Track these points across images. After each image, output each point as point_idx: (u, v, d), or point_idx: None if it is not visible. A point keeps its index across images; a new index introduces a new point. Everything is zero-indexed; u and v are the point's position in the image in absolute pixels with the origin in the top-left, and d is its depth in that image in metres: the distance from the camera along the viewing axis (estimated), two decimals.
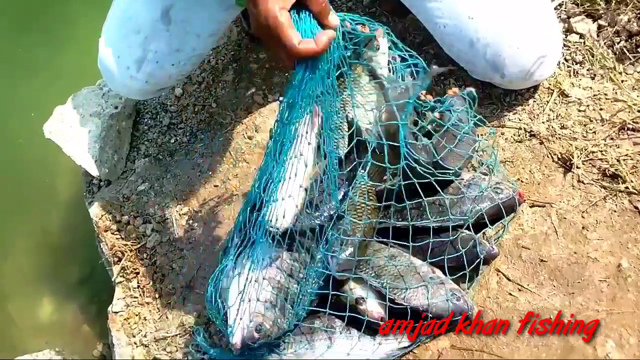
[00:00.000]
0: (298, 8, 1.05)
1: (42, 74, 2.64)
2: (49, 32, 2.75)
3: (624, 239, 1.32)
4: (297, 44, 1.01)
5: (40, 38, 2.73)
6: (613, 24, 1.61)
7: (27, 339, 2.16)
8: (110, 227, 1.75)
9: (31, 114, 1.98)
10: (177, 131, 1.90)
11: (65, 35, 2.70)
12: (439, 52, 1.57)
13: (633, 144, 1.44)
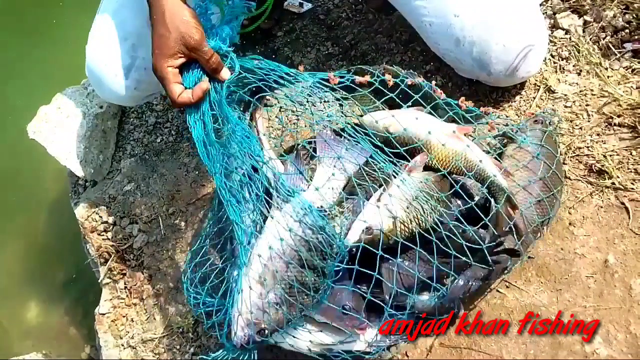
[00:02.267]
0: (193, 63, 1.27)
1: (27, 74, 2.63)
2: (33, 34, 2.75)
3: (611, 235, 1.33)
4: (176, 97, 1.26)
5: (24, 40, 2.73)
6: (599, 20, 1.61)
7: (14, 342, 2.16)
8: (97, 228, 1.74)
9: (14, 114, 1.97)
10: (163, 130, 1.90)
11: (50, 36, 2.70)
12: (425, 49, 1.57)
13: (619, 140, 1.44)
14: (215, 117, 1.28)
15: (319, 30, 1.91)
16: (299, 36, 1.92)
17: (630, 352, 1.19)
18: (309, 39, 1.90)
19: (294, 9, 1.95)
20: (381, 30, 1.83)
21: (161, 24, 1.25)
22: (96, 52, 1.53)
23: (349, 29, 1.88)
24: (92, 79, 1.59)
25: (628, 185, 1.37)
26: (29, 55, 2.70)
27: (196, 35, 1.24)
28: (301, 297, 1.20)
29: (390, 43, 1.79)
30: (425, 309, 1.24)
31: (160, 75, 1.26)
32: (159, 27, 1.25)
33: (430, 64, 1.69)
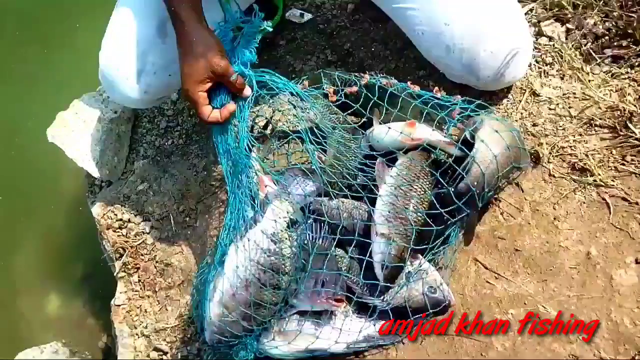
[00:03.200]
0: (219, 86, 1.31)
1: (45, 82, 2.63)
2: (49, 42, 2.74)
3: (593, 229, 1.33)
4: (206, 118, 1.30)
5: (41, 48, 2.72)
6: (580, 27, 1.61)
7: (36, 332, 2.16)
8: (112, 225, 1.74)
9: (34, 120, 1.97)
10: (174, 134, 1.89)
11: (65, 44, 2.69)
12: (418, 56, 1.56)
13: (600, 139, 1.44)
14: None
15: (319, 38, 1.91)
16: (300, 45, 1.92)
17: (612, 338, 1.19)
18: (309, 47, 1.90)
19: (295, 19, 1.95)
20: (377, 38, 1.83)
21: (190, 53, 1.28)
22: (109, 58, 1.53)
23: (346, 37, 1.88)
24: (105, 83, 1.59)
25: (609, 182, 1.37)
26: (46, 65, 2.70)
27: (222, 63, 1.27)
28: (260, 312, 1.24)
29: (386, 50, 1.79)
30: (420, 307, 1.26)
31: (191, 99, 1.30)
32: (188, 55, 1.29)
33: (423, 70, 1.69)
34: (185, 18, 1.29)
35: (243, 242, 1.28)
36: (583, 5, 1.63)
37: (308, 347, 1.26)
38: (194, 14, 1.30)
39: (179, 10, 1.29)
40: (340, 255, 1.33)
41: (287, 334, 1.27)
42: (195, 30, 1.29)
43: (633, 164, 1.38)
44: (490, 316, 1.27)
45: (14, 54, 2.72)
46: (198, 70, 1.27)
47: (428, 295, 1.25)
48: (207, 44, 1.28)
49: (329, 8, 1.98)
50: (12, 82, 2.67)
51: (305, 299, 1.28)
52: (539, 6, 1.69)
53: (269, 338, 1.28)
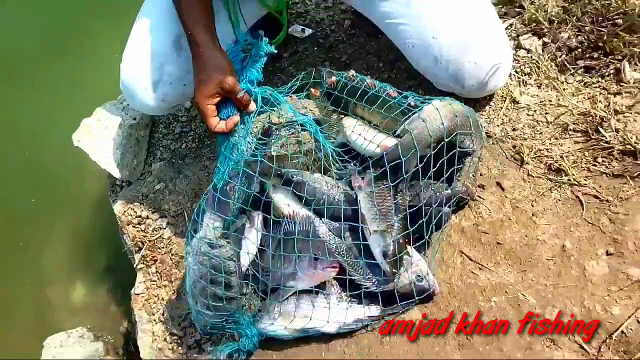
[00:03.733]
0: (227, 101, 1.34)
1: (69, 92, 2.63)
2: (74, 56, 2.74)
3: (567, 224, 1.33)
4: (213, 128, 1.32)
5: (66, 61, 2.72)
6: (555, 41, 1.61)
7: (63, 318, 2.16)
8: (132, 221, 1.74)
9: (61, 126, 1.97)
10: (187, 138, 1.90)
11: (88, 57, 2.70)
12: (409, 67, 1.56)
13: (574, 143, 1.44)
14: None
15: (319, 51, 1.92)
16: (301, 57, 1.92)
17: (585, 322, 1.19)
18: (309, 59, 1.90)
19: (297, 34, 1.96)
20: (371, 51, 1.84)
21: (203, 71, 1.31)
22: (129, 69, 1.54)
23: (344, 50, 1.89)
24: (125, 92, 1.59)
25: (582, 181, 1.37)
26: (71, 75, 2.69)
27: (231, 81, 1.29)
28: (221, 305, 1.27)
29: (379, 62, 1.79)
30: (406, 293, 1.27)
31: (201, 110, 1.32)
32: (201, 73, 1.31)
33: (413, 80, 1.69)
34: (199, 40, 1.32)
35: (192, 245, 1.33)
36: (558, 21, 1.63)
37: (303, 327, 1.28)
38: (208, 37, 1.33)
39: (195, 32, 1.32)
40: (336, 242, 1.33)
41: (285, 316, 1.29)
42: (208, 51, 1.31)
43: (604, 165, 1.38)
44: (475, 303, 1.27)
45: (42, 67, 2.72)
46: (209, 86, 1.30)
47: (415, 283, 1.26)
48: (218, 64, 1.30)
49: (328, 24, 1.98)
50: (40, 92, 2.67)
51: (305, 278, 1.29)
52: (518, 22, 1.69)
53: (268, 320, 1.30)
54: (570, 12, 1.63)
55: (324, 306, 1.29)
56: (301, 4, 2.06)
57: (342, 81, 1.40)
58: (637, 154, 1.35)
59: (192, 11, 1.34)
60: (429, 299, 1.29)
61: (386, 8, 1.49)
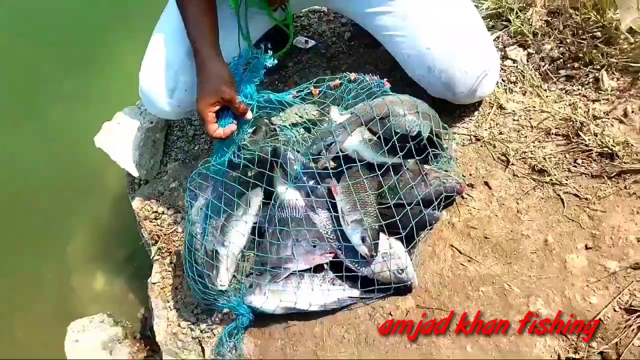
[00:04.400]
0: (227, 109, 1.36)
1: (91, 98, 2.64)
2: (95, 65, 2.74)
3: (550, 220, 1.32)
4: (212, 133, 1.35)
5: (89, 69, 2.72)
6: (539, 52, 1.61)
7: (85, 305, 2.16)
8: (149, 217, 1.74)
9: (84, 129, 1.97)
10: (200, 140, 1.89)
11: (109, 66, 2.70)
12: (404, 75, 1.56)
13: (556, 146, 1.44)
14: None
15: (321, 61, 1.91)
16: (305, 66, 1.91)
17: (566, 311, 1.19)
18: (312, 69, 1.90)
19: (301, 45, 1.95)
20: (369, 61, 1.83)
21: (205, 81, 1.34)
22: (147, 78, 1.54)
23: (344, 60, 1.88)
24: (144, 98, 1.59)
25: (563, 181, 1.36)
26: (93, 83, 2.69)
27: (230, 91, 1.32)
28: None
29: (377, 71, 1.78)
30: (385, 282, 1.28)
31: (202, 117, 1.34)
32: (203, 82, 1.34)
33: (408, 87, 1.66)
34: (204, 53, 1.34)
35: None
36: (541, 34, 1.62)
37: (290, 306, 1.30)
38: (212, 50, 1.35)
39: (200, 47, 1.35)
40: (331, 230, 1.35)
41: (274, 294, 1.31)
42: (211, 64, 1.33)
43: (583, 166, 1.37)
44: (464, 293, 1.27)
45: (67, 76, 2.72)
46: (210, 95, 1.32)
47: (395, 274, 1.27)
48: (219, 76, 1.33)
49: (329, 36, 1.98)
50: (64, 98, 2.67)
51: (302, 260, 1.31)
52: (504, 34, 1.69)
53: (259, 297, 1.32)
54: (553, 25, 1.62)
55: (308, 286, 1.31)
56: (305, 17, 2.06)
57: (344, 83, 1.40)
58: (614, 156, 1.34)
59: (198, 26, 1.35)
60: (408, 291, 1.29)
61: (384, 21, 1.48)
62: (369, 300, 1.31)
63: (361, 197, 1.30)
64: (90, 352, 1.73)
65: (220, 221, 1.41)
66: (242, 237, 1.41)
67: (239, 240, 1.41)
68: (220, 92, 1.31)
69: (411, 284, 1.28)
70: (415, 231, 1.28)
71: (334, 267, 1.34)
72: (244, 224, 1.41)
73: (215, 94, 1.32)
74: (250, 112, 1.38)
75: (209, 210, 1.41)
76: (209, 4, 1.37)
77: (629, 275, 1.19)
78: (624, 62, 1.46)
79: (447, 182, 1.34)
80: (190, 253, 1.39)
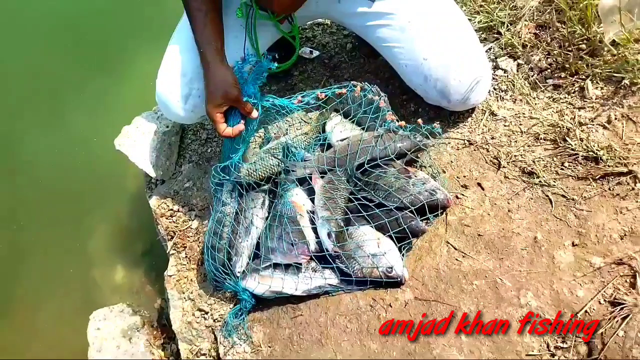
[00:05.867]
0: (234, 109, 1.40)
1: (110, 104, 2.64)
2: (114, 72, 2.73)
3: (538, 219, 1.31)
4: (222, 132, 1.38)
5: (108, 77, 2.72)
6: (528, 63, 1.60)
7: (106, 296, 2.16)
8: (165, 214, 1.73)
9: (104, 133, 1.97)
10: (212, 143, 1.88)
11: (128, 74, 2.69)
12: (402, 84, 1.55)
13: (544, 150, 1.43)
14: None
15: (324, 70, 1.90)
16: (309, 75, 1.91)
17: (554, 303, 1.18)
18: (317, 77, 1.89)
19: (306, 55, 1.94)
20: (370, 70, 1.82)
21: (212, 84, 1.36)
22: (163, 84, 1.53)
23: (346, 69, 1.87)
24: (160, 104, 1.58)
25: (551, 182, 1.35)
26: (112, 89, 2.68)
27: (236, 92, 1.35)
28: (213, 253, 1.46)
29: (377, 79, 1.78)
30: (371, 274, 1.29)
31: (211, 117, 1.38)
32: (211, 86, 1.36)
33: (406, 95, 1.68)
34: (210, 59, 1.36)
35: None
36: (530, 46, 1.61)
37: (278, 290, 1.35)
38: (218, 56, 1.36)
39: (207, 52, 1.36)
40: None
41: (264, 278, 1.36)
42: (217, 68, 1.35)
43: (570, 169, 1.36)
44: (459, 286, 1.26)
45: (88, 83, 2.71)
46: (217, 97, 1.35)
47: (385, 272, 1.27)
48: (225, 79, 1.35)
49: (332, 47, 1.97)
50: (87, 104, 2.67)
51: (281, 256, 1.35)
52: (496, 46, 1.68)
53: (252, 281, 1.37)
54: (541, 38, 1.61)
55: (293, 274, 1.35)
56: (309, 30, 2.05)
57: (349, 93, 1.43)
58: (599, 160, 1.33)
59: (205, 34, 1.36)
60: (398, 285, 1.29)
61: (383, 34, 1.47)
62: (349, 289, 1.33)
63: (333, 197, 1.36)
64: (111, 339, 1.72)
65: (240, 214, 1.46)
66: (255, 229, 1.44)
67: (255, 232, 1.44)
68: (226, 94, 1.34)
69: (402, 279, 1.28)
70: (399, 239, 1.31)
71: (318, 257, 1.37)
72: (257, 217, 1.46)
73: (222, 96, 1.35)
74: (255, 111, 1.41)
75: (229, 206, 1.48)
76: (215, 14, 1.39)
77: (612, 270, 1.18)
78: (607, 72, 1.45)
79: (435, 195, 1.33)
80: (212, 240, 1.45)
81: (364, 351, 1.24)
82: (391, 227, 1.30)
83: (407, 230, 1.30)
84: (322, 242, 1.34)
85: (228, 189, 1.51)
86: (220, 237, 1.45)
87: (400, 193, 1.33)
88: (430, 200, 1.33)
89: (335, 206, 1.36)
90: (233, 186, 1.51)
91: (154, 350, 1.71)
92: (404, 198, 1.32)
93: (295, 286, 1.34)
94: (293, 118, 1.59)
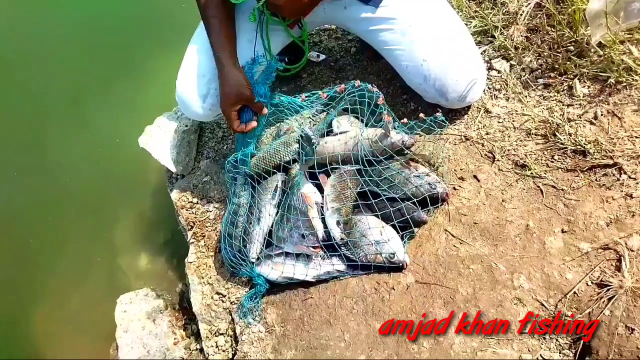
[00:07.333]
0: (246, 107, 1.44)
1: (136, 104, 2.64)
2: (136, 75, 2.73)
3: (530, 208, 1.32)
4: (236, 128, 1.44)
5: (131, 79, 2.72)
6: (520, 64, 1.59)
7: (131, 281, 2.17)
8: (185, 206, 1.74)
9: (129, 132, 1.98)
10: (228, 141, 1.89)
11: (150, 76, 2.69)
12: (403, 84, 1.55)
13: (535, 144, 1.42)
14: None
15: (330, 73, 1.90)
16: (317, 77, 1.91)
17: (544, 286, 1.19)
18: (323, 79, 1.89)
19: (313, 59, 1.94)
20: (373, 72, 1.82)
21: (226, 85, 1.40)
22: (183, 85, 1.54)
23: (350, 71, 1.87)
24: (180, 102, 1.59)
25: (541, 174, 1.36)
26: (135, 91, 2.68)
27: (248, 93, 1.40)
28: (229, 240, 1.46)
29: (379, 80, 1.77)
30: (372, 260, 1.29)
31: (226, 115, 1.43)
32: (225, 86, 1.40)
33: (406, 94, 1.67)
34: (225, 62, 1.39)
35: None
36: (522, 48, 1.60)
37: (290, 276, 1.36)
38: (231, 59, 1.40)
39: (221, 55, 1.40)
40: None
41: (277, 265, 1.38)
42: (231, 71, 1.39)
43: (559, 162, 1.36)
44: (457, 270, 1.27)
45: (112, 86, 2.72)
46: (231, 97, 1.39)
47: (388, 258, 1.28)
48: (237, 80, 1.39)
49: (338, 51, 1.97)
50: (113, 105, 2.67)
51: (291, 245, 1.37)
52: (490, 48, 1.67)
53: (266, 267, 1.39)
54: (532, 40, 1.61)
55: (303, 261, 1.37)
56: (316, 35, 2.05)
57: (349, 89, 1.42)
58: (586, 153, 1.33)
59: (219, 39, 1.40)
60: (401, 270, 1.30)
61: (385, 37, 1.47)
62: (355, 274, 1.34)
63: (343, 191, 1.36)
64: (137, 321, 1.74)
65: (253, 205, 1.47)
66: (269, 217, 1.44)
67: (268, 220, 1.44)
68: (239, 94, 1.39)
69: (402, 265, 1.29)
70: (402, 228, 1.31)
71: (327, 245, 1.37)
72: (270, 206, 1.46)
73: (236, 96, 1.39)
74: (265, 109, 1.46)
75: (245, 196, 1.50)
76: (228, 22, 1.42)
77: (599, 255, 1.18)
78: (594, 72, 1.44)
79: (435, 188, 1.33)
80: (228, 229, 1.47)
81: (369, 330, 1.25)
82: (395, 217, 1.31)
83: (409, 220, 1.30)
84: (330, 230, 1.34)
85: (241, 182, 1.52)
86: (236, 226, 1.46)
87: (402, 185, 1.33)
88: (430, 193, 1.32)
89: (345, 200, 1.36)
90: (245, 179, 1.52)
91: (176, 330, 1.73)
92: (406, 190, 1.32)
93: (305, 272, 1.35)
94: (303, 117, 1.60)
